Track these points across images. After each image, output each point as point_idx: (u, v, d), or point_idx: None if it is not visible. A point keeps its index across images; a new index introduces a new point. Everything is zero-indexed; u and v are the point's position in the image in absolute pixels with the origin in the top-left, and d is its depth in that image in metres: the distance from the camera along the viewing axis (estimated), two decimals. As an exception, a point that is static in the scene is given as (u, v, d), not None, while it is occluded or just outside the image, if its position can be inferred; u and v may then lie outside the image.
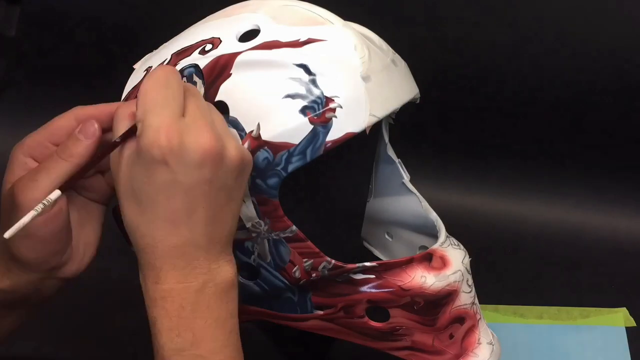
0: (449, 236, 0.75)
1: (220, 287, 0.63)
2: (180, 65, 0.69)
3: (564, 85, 1.19)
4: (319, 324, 0.74)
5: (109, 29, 1.24)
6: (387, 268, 0.71)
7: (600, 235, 1.20)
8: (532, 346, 1.00)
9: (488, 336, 0.75)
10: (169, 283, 0.61)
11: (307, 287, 0.71)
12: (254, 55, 0.67)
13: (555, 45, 1.17)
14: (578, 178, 1.23)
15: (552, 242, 1.19)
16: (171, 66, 0.64)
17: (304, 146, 0.65)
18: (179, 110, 0.60)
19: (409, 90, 0.73)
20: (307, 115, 0.65)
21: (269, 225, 0.68)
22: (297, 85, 0.65)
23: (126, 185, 0.61)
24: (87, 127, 0.64)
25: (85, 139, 0.64)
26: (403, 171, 0.83)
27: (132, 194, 0.61)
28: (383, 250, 0.87)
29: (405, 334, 0.72)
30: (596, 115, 1.20)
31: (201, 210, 0.61)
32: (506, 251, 1.17)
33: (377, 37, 0.73)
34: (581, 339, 1.01)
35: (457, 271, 0.72)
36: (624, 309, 1.04)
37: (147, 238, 0.62)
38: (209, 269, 0.62)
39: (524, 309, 1.05)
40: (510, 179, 1.25)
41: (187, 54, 0.70)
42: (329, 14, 0.70)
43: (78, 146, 0.64)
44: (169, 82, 0.61)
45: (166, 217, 0.61)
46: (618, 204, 1.22)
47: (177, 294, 0.61)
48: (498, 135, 1.23)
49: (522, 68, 1.19)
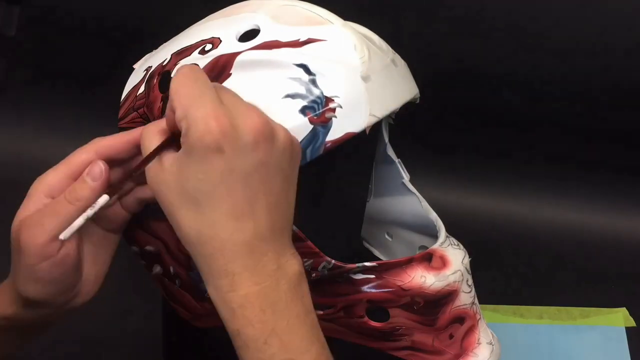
0: (449, 236, 0.75)
1: (293, 282, 0.61)
2: (180, 65, 0.69)
3: (564, 85, 1.19)
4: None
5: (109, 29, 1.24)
6: (387, 268, 0.71)
7: (600, 235, 1.20)
8: (532, 346, 1.00)
9: (488, 336, 0.75)
10: (245, 287, 0.59)
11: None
12: (254, 55, 0.67)
13: (556, 45, 1.17)
14: (578, 178, 1.23)
15: (552, 242, 1.19)
16: (192, 63, 0.62)
17: (303, 146, 0.65)
18: (217, 97, 0.59)
19: (409, 90, 0.73)
20: (307, 115, 0.65)
21: (268, 225, 0.68)
22: (297, 85, 0.65)
23: (178, 191, 0.59)
24: (93, 169, 0.63)
25: (92, 181, 0.63)
26: (403, 171, 0.83)
27: (188, 198, 0.59)
28: (383, 250, 0.87)
29: (405, 334, 0.72)
30: (596, 115, 1.20)
31: (262, 197, 0.59)
32: (506, 251, 1.17)
33: (377, 37, 0.73)
34: (581, 338, 1.01)
35: (456, 271, 0.72)
36: (624, 309, 1.04)
37: (213, 241, 0.59)
38: (278, 265, 0.60)
39: (523, 309, 1.05)
40: (510, 179, 1.25)
41: (187, 53, 0.70)
42: (328, 13, 0.70)
43: (85, 189, 0.62)
44: (196, 76, 0.60)
45: (229, 212, 0.58)
46: (618, 204, 1.22)
47: (255, 299, 0.59)
48: (498, 135, 1.23)
49: (523, 68, 1.19)
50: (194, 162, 0.58)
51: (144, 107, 0.70)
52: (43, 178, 0.64)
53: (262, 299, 0.59)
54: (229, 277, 0.59)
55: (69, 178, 0.64)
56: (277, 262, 0.60)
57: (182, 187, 0.59)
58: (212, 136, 0.57)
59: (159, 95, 0.69)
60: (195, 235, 0.59)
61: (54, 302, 0.65)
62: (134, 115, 0.71)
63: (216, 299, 0.60)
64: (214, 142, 0.57)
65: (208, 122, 0.57)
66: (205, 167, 0.58)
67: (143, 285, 0.83)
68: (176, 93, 0.59)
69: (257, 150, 0.58)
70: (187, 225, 0.59)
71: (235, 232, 0.59)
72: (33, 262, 0.62)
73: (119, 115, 0.73)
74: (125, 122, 0.71)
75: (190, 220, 0.59)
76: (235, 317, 0.59)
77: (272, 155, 0.59)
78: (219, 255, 0.59)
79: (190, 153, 0.58)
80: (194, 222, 0.59)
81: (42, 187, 0.64)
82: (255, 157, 0.58)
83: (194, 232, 0.59)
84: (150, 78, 0.71)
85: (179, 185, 0.59)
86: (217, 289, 0.60)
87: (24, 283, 0.63)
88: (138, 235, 0.71)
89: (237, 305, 0.59)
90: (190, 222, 0.59)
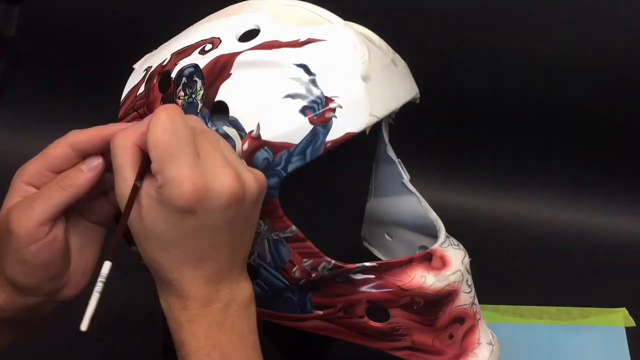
0: (449, 236, 0.75)
1: (242, 304, 0.64)
2: (180, 65, 0.69)
3: (564, 85, 1.19)
4: (318, 324, 0.74)
5: (109, 29, 1.24)
6: (387, 268, 0.71)
7: (600, 235, 1.20)
8: (531, 346, 1.00)
9: (488, 336, 0.75)
10: (196, 309, 0.62)
11: (307, 287, 0.71)
12: (254, 55, 0.67)
13: (556, 45, 1.17)
14: (578, 178, 1.23)
15: (552, 242, 1.19)
16: (173, 105, 0.62)
17: (303, 146, 0.65)
18: (194, 154, 0.60)
19: (409, 90, 0.73)
20: (307, 115, 0.65)
21: (268, 225, 0.68)
22: (297, 85, 0.65)
23: (146, 228, 0.61)
24: (91, 160, 0.64)
25: (88, 171, 0.64)
26: (403, 171, 0.83)
27: (154, 237, 0.61)
28: (383, 250, 0.87)
29: (405, 334, 0.72)
30: (597, 115, 1.20)
31: (226, 243, 0.62)
32: (506, 251, 1.17)
33: (377, 37, 0.73)
34: (581, 338, 1.01)
35: (456, 271, 0.72)
36: (624, 309, 1.04)
37: (173, 273, 0.62)
38: (231, 289, 0.64)
39: (523, 308, 1.05)
40: (510, 179, 1.25)
41: (187, 53, 0.70)
42: (329, 13, 0.70)
43: (79, 177, 0.64)
44: (176, 127, 0.60)
45: (193, 256, 0.62)
46: (618, 204, 1.22)
47: (204, 317, 0.62)
48: (498, 135, 1.23)
49: (523, 68, 1.19)
50: (165, 212, 0.60)
51: (144, 107, 0.70)
52: (22, 169, 0.66)
53: (211, 318, 0.63)
54: (183, 299, 0.63)
55: (46, 169, 0.65)
56: (230, 287, 0.64)
57: (151, 226, 0.61)
58: (185, 201, 0.59)
59: (159, 95, 0.69)
60: (158, 264, 0.62)
61: (42, 289, 0.66)
62: (134, 115, 0.71)
63: (167, 312, 0.64)
64: (186, 207, 0.59)
65: (182, 186, 0.59)
66: (175, 221, 0.60)
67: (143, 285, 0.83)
68: (154, 146, 0.60)
69: (228, 210, 0.61)
70: (151, 255, 0.62)
71: (197, 269, 0.62)
72: (22, 244, 0.63)
73: (119, 115, 0.73)
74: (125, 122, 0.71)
75: (154, 252, 0.62)
76: (183, 330, 0.63)
77: (241, 211, 0.62)
78: (178, 284, 0.62)
79: (161, 203, 0.60)
80: (158, 255, 0.62)
81: (22, 176, 0.65)
82: (225, 216, 0.61)
83: (157, 262, 0.62)
84: (150, 78, 0.71)
85: (148, 224, 0.61)
86: (169, 304, 0.63)
87: (12, 267, 0.64)
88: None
89: (186, 320, 0.63)
90: (154, 254, 0.62)
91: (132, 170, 0.61)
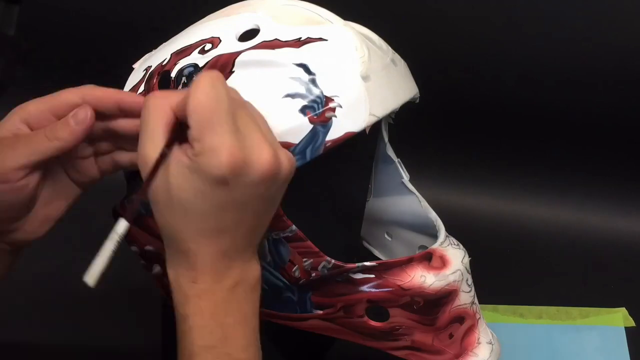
0: (449, 236, 0.75)
1: (250, 285, 0.63)
2: (179, 64, 0.69)
3: (564, 85, 1.19)
4: (318, 324, 0.74)
5: (109, 29, 1.24)
6: (387, 268, 0.71)
7: (600, 235, 1.20)
8: (531, 346, 1.00)
9: (487, 336, 0.75)
10: (206, 283, 0.61)
11: (307, 287, 0.71)
12: (254, 55, 0.67)
13: (557, 45, 1.17)
14: (578, 178, 1.23)
15: (552, 242, 1.19)
16: (216, 71, 0.60)
17: (303, 146, 0.65)
18: (234, 124, 0.58)
19: (409, 90, 0.73)
20: (307, 114, 0.65)
21: (268, 225, 0.68)
22: (297, 84, 0.65)
23: (171, 194, 0.59)
24: (79, 112, 0.63)
25: (75, 124, 0.63)
26: (402, 171, 0.83)
27: (178, 204, 0.59)
28: (383, 250, 0.87)
29: (405, 334, 0.72)
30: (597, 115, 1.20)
31: (248, 220, 0.61)
32: (506, 251, 1.17)
33: (377, 37, 0.73)
34: (580, 338, 1.01)
35: (456, 271, 0.72)
36: (623, 309, 1.04)
37: (190, 243, 0.60)
38: (242, 268, 0.62)
39: (523, 308, 1.05)
40: (510, 179, 1.25)
41: (187, 53, 0.70)
42: (329, 13, 0.70)
43: (66, 131, 0.63)
44: (219, 95, 0.58)
45: (213, 228, 0.60)
46: (618, 204, 1.22)
47: (213, 293, 0.61)
48: (498, 135, 1.23)
49: (523, 68, 1.19)
50: (196, 180, 0.58)
51: (143, 106, 0.70)
52: (24, 106, 0.65)
53: (220, 295, 0.61)
54: (194, 272, 0.60)
55: (49, 112, 0.64)
56: (242, 267, 0.62)
57: (176, 193, 0.59)
58: (221, 171, 0.57)
59: (159, 95, 0.69)
60: (175, 231, 0.60)
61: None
62: (134, 115, 0.71)
63: (174, 283, 0.61)
64: (221, 178, 0.57)
65: (220, 155, 0.57)
66: (205, 191, 0.58)
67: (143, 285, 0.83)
68: (194, 111, 0.57)
69: (259, 186, 0.59)
70: (170, 222, 0.60)
71: (215, 243, 0.60)
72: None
73: (119, 115, 0.73)
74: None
75: (174, 220, 0.60)
76: (189, 304, 0.61)
77: (271, 189, 0.60)
78: (193, 255, 0.60)
79: (195, 171, 0.58)
80: (178, 223, 0.60)
81: (21, 112, 0.64)
82: (255, 192, 0.59)
83: (174, 229, 0.60)
84: (150, 78, 0.71)
85: (174, 188, 0.58)
86: (178, 275, 0.61)
87: None
88: (138, 235, 0.70)
89: (193, 294, 0.61)
90: (173, 221, 0.60)
91: (164, 133, 0.59)
